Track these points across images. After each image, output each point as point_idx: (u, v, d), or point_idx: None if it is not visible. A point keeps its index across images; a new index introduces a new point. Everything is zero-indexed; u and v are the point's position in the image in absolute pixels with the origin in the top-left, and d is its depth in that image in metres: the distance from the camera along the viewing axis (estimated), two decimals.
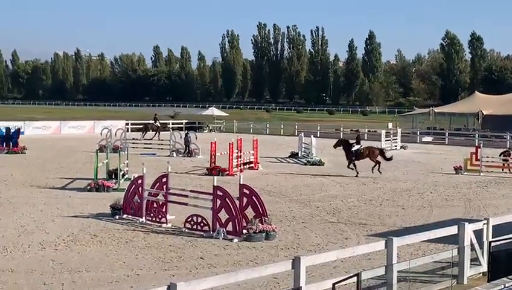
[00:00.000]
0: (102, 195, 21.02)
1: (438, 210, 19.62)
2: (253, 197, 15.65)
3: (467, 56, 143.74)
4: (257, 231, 14.76)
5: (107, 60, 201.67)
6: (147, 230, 15.84)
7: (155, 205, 16.87)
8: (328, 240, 15.13)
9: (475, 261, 11.82)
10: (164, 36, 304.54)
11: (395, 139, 45.96)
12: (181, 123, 63.66)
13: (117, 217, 17.07)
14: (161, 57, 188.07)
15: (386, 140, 44.08)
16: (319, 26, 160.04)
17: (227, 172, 27.34)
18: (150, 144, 39.33)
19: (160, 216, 16.62)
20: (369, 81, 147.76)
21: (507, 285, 9.11)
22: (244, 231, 14.86)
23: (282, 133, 62.12)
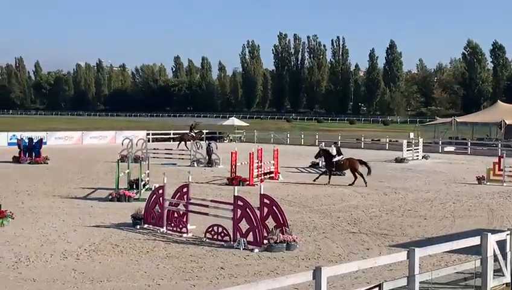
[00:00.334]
0: (123, 205, 21.10)
1: (461, 220, 19.43)
2: (273, 207, 15.59)
3: (489, 65, 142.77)
4: (278, 241, 14.70)
5: (129, 71, 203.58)
6: (168, 240, 15.86)
7: (176, 215, 16.89)
8: (350, 251, 15.05)
9: (498, 272, 11.67)
10: (185, 47, 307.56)
11: (417, 149, 45.63)
12: (201, 133, 63.77)
13: (138, 227, 17.14)
14: (182, 68, 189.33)
15: (408, 150, 43.85)
16: (340, 36, 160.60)
17: (247, 182, 27.32)
18: (171, 154, 39.43)
19: (181, 226, 16.64)
20: (390, 90, 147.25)
21: None
22: (264, 241, 14.82)
23: (302, 143, 62.03)
